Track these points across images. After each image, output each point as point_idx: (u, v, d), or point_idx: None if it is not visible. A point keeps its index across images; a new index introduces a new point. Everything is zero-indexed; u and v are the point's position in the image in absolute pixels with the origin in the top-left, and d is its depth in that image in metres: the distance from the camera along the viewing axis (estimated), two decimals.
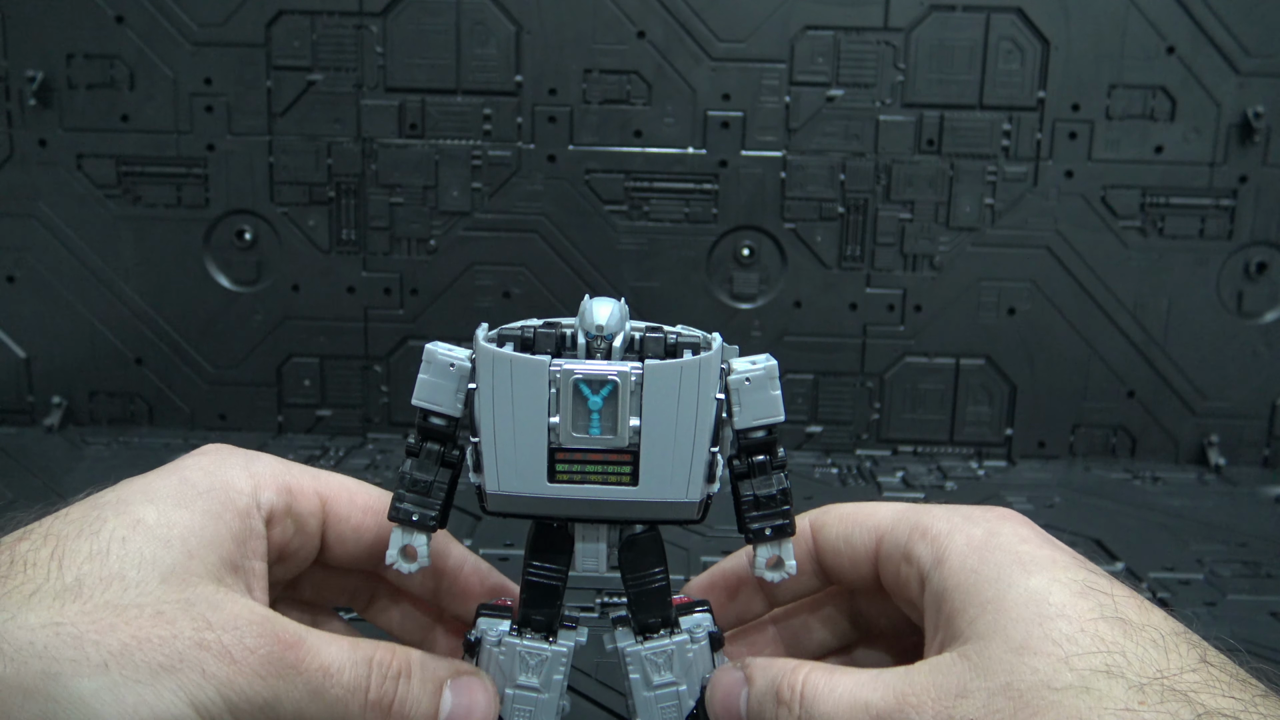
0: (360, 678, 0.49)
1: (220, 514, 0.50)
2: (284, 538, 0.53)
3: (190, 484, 0.50)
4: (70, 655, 0.43)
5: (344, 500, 0.55)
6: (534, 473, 0.47)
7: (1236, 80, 1.10)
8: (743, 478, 0.50)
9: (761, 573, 0.51)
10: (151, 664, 0.44)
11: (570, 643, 0.51)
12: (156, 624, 0.45)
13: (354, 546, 0.55)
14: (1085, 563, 0.49)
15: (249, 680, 0.46)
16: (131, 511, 0.48)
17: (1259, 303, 1.14)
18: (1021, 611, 0.45)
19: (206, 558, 0.48)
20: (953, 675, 0.45)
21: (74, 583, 0.45)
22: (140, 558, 0.46)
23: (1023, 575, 0.47)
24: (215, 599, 0.47)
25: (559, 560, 0.50)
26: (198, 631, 0.45)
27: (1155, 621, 0.45)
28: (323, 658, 0.48)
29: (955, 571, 0.48)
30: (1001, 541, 0.49)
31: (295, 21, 1.09)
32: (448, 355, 0.48)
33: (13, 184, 1.11)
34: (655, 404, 0.46)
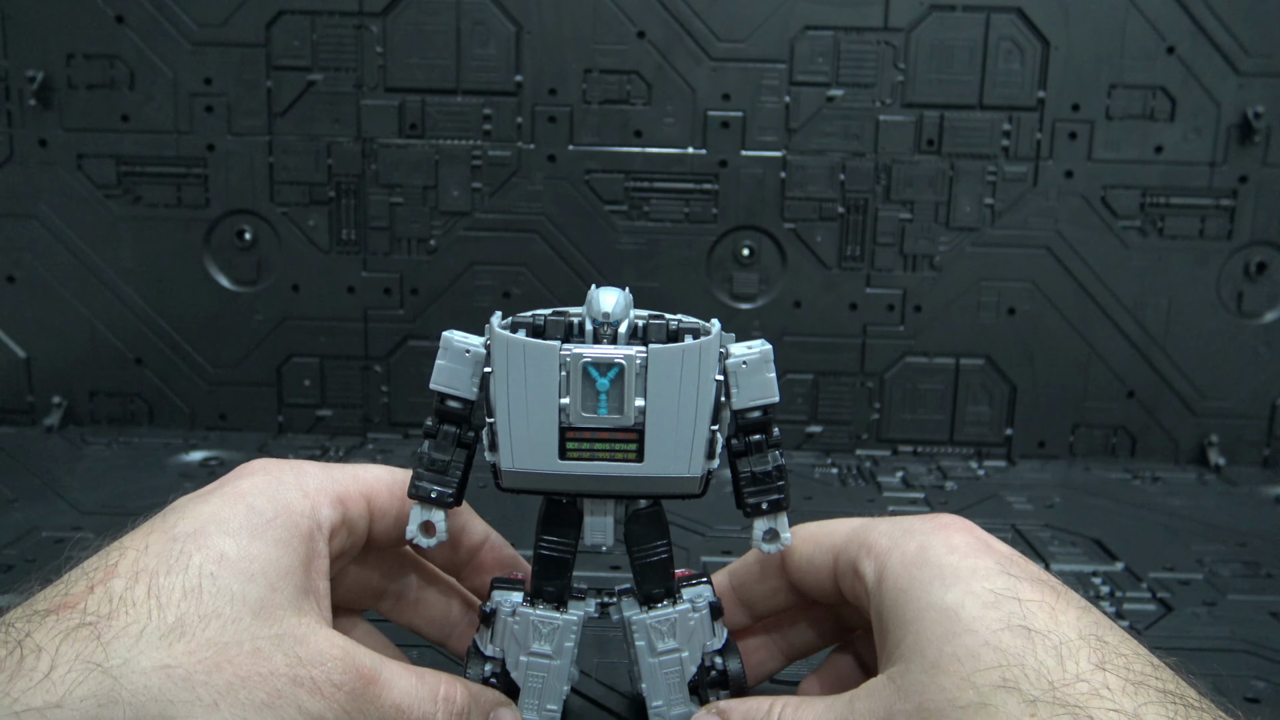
0: (429, 714, 0.54)
1: (289, 541, 0.54)
2: (340, 546, 0.58)
3: (257, 512, 0.54)
4: (184, 697, 0.47)
5: (385, 495, 0.59)
6: (546, 451, 0.53)
7: (1236, 80, 1.14)
8: (740, 455, 0.56)
9: (759, 544, 0.57)
10: (255, 701, 0.48)
11: (580, 612, 0.57)
12: (255, 661, 0.49)
13: (396, 534, 0.60)
14: (1013, 566, 0.52)
15: (336, 715, 0.50)
16: (212, 545, 0.52)
17: (1259, 303, 1.19)
18: (935, 629, 0.49)
19: (286, 589, 0.52)
20: (881, 700, 0.50)
21: (176, 623, 0.48)
22: (231, 594, 0.50)
23: (941, 590, 0.50)
24: (300, 633, 0.51)
25: (568, 534, 0.57)
26: (291, 668, 0.50)
27: (1062, 627, 0.48)
28: (396, 694, 0.53)
29: (889, 590, 0.52)
30: (929, 555, 0.52)
31: (295, 21, 1.14)
32: (464, 342, 0.54)
33: (13, 184, 1.16)
34: (659, 385, 0.52)
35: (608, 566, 0.85)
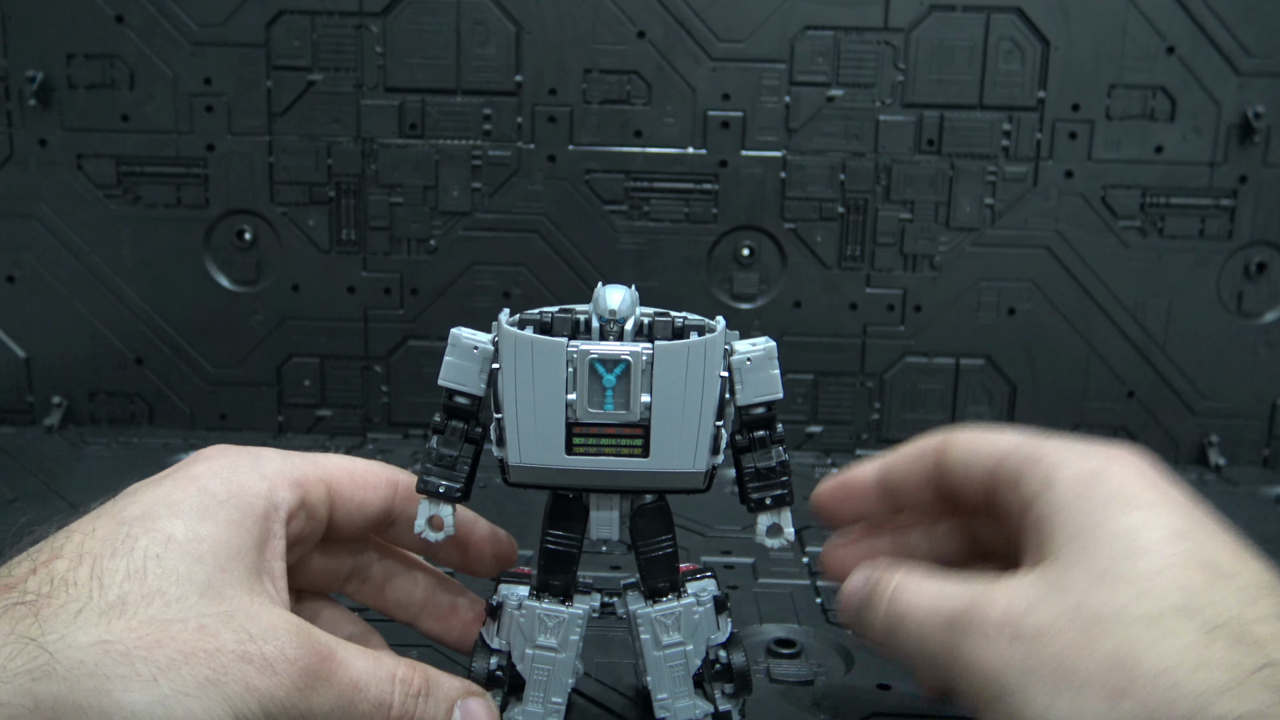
0: (385, 694, 0.54)
1: (242, 522, 0.54)
2: (298, 530, 0.58)
3: (210, 493, 0.54)
4: (121, 671, 0.46)
5: (346, 480, 0.60)
6: (553, 446, 0.54)
7: (1236, 80, 1.16)
8: (744, 451, 0.58)
9: (762, 540, 0.59)
10: (199, 678, 0.47)
11: (585, 606, 0.59)
12: (201, 638, 0.48)
13: (360, 520, 0.61)
14: (1194, 510, 0.50)
15: (288, 692, 0.49)
16: (160, 527, 0.51)
17: (1259, 303, 1.20)
18: (1109, 545, 0.48)
19: (236, 569, 0.52)
20: (1027, 590, 0.49)
21: (117, 601, 0.48)
22: (177, 574, 0.50)
23: (1120, 512, 0.50)
24: (252, 610, 0.51)
25: (574, 529, 0.58)
26: (240, 644, 0.49)
27: (1247, 572, 0.47)
28: (352, 672, 0.52)
29: (1057, 500, 0.52)
30: (1109, 477, 0.52)
31: (295, 21, 1.15)
32: (471, 339, 0.56)
33: (13, 184, 1.17)
34: (665, 381, 0.54)
35: (609, 566, 0.86)
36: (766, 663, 0.71)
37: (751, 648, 0.72)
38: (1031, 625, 0.48)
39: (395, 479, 0.63)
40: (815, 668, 0.71)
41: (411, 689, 0.55)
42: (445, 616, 0.65)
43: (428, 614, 0.66)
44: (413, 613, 0.66)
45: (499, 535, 0.66)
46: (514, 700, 0.59)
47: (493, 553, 0.65)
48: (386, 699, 0.54)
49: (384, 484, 0.62)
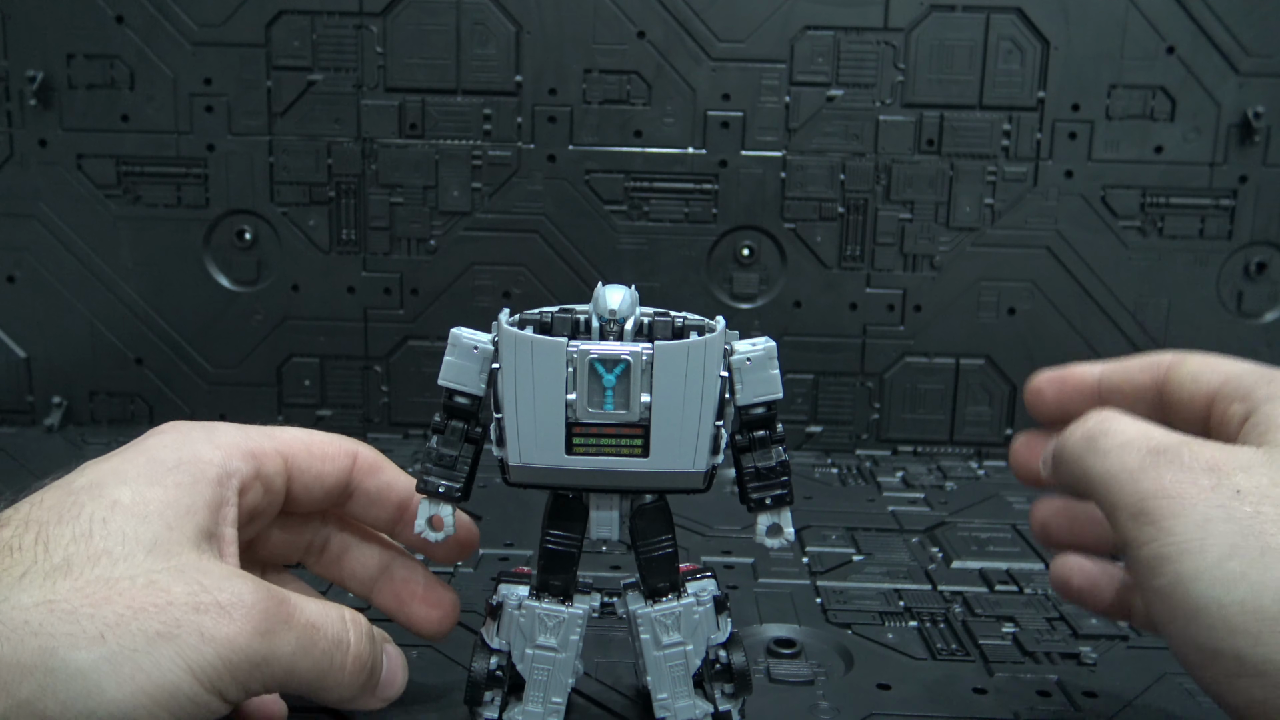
0: (342, 634, 0.54)
1: (192, 486, 0.54)
2: (255, 502, 0.58)
3: (159, 461, 0.54)
4: (66, 630, 0.46)
5: (303, 453, 0.61)
6: (553, 446, 0.54)
7: (1236, 80, 1.16)
8: (744, 451, 0.58)
9: (762, 540, 0.59)
10: (148, 632, 0.47)
11: (585, 606, 0.59)
12: (150, 593, 0.48)
13: (318, 493, 0.62)
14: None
15: (248, 638, 0.49)
16: (107, 494, 0.52)
17: (1259, 303, 1.20)
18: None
19: (185, 528, 0.52)
20: (1245, 454, 0.50)
21: (62, 562, 0.48)
22: (123, 534, 0.50)
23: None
24: (202, 565, 0.51)
25: (574, 529, 0.58)
26: (193, 595, 0.49)
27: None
28: (308, 613, 0.53)
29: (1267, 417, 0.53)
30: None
31: (295, 21, 1.15)
32: (472, 339, 0.56)
33: (13, 184, 1.17)
34: (665, 381, 0.54)
35: (609, 566, 0.86)
36: (766, 663, 0.71)
37: (751, 648, 0.72)
38: (1241, 481, 0.49)
39: (353, 451, 0.63)
40: (815, 668, 0.71)
41: (362, 629, 0.56)
42: (399, 591, 0.66)
43: (383, 588, 0.66)
44: (368, 586, 0.66)
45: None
46: (514, 700, 0.59)
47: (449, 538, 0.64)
48: (344, 637, 0.54)
49: (342, 455, 0.63)
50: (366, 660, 0.56)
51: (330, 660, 0.54)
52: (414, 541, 0.64)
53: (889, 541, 0.95)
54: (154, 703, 0.47)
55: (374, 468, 0.64)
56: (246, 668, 0.50)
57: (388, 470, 0.64)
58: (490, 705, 0.58)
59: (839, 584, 0.85)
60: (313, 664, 0.53)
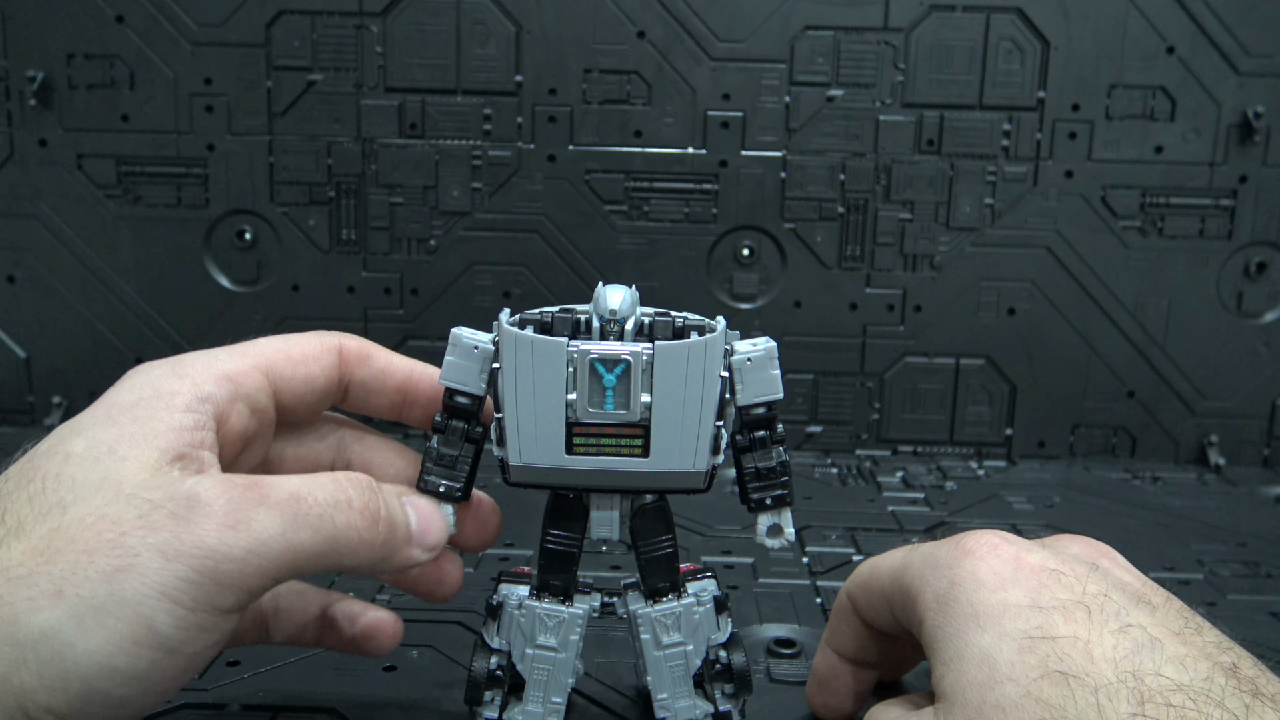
0: (337, 493, 0.51)
1: (151, 418, 0.50)
2: (242, 424, 0.55)
3: (116, 404, 0.51)
4: (24, 595, 0.44)
5: (283, 361, 0.58)
6: (553, 446, 0.54)
7: (1236, 80, 1.16)
8: (744, 451, 0.58)
9: (762, 540, 0.59)
10: (105, 571, 0.44)
11: (585, 606, 0.59)
12: (99, 528, 0.46)
13: (311, 398, 0.59)
14: (1044, 593, 0.51)
15: (217, 536, 0.46)
16: (61, 449, 0.49)
17: (1259, 303, 1.20)
18: (975, 675, 0.49)
19: (141, 456, 0.48)
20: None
21: (15, 525, 0.46)
22: (73, 480, 0.47)
23: (976, 633, 0.50)
24: (154, 482, 0.48)
25: (575, 529, 0.58)
26: (143, 517, 0.46)
27: (1099, 665, 0.47)
28: (288, 486, 0.50)
29: (928, 631, 0.53)
30: (959, 593, 0.52)
31: (295, 21, 1.15)
32: (472, 339, 0.56)
33: (13, 184, 1.17)
34: (665, 381, 0.53)
35: (609, 566, 0.86)
36: (766, 663, 0.71)
37: (751, 648, 0.72)
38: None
39: (336, 344, 0.61)
40: None
41: (362, 482, 0.53)
42: None
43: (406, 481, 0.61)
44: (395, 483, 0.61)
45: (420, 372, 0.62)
46: (514, 700, 0.59)
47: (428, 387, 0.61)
48: (340, 496, 0.51)
49: (325, 352, 0.60)
50: (378, 511, 0.53)
51: (333, 522, 0.50)
52: (424, 423, 0.61)
53: (889, 541, 0.95)
54: (133, 643, 0.45)
55: (363, 356, 0.61)
56: (232, 568, 0.47)
57: (379, 355, 0.61)
58: (490, 705, 0.58)
59: (839, 584, 0.84)
60: (313, 533, 0.49)
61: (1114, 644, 0.48)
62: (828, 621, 0.64)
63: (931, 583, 0.53)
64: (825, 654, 0.64)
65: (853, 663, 0.63)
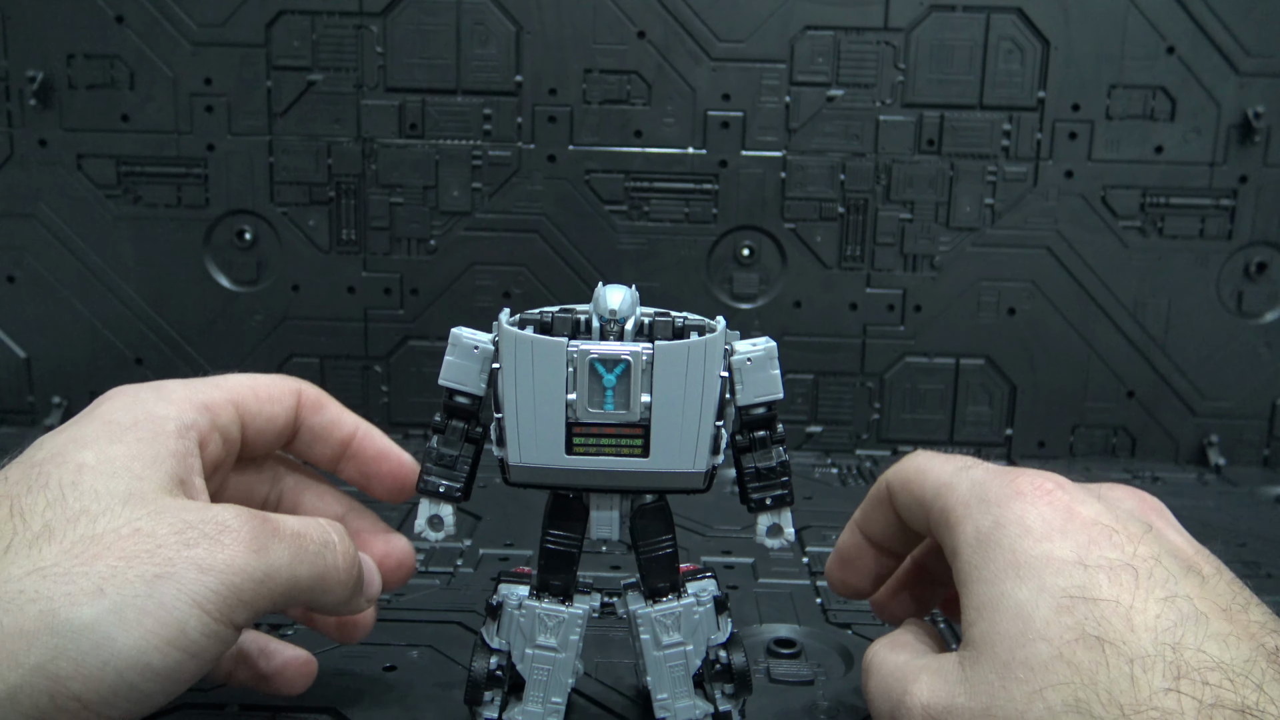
0: (327, 536, 0.56)
1: (153, 440, 0.54)
2: (215, 453, 0.58)
3: (115, 423, 0.54)
4: (63, 591, 0.47)
5: (251, 398, 0.61)
6: (553, 446, 0.54)
7: (1236, 80, 1.16)
8: (744, 451, 0.58)
9: (762, 540, 0.59)
10: (145, 576, 0.48)
11: (585, 606, 0.59)
12: (137, 539, 0.49)
13: (270, 436, 0.63)
14: (1092, 549, 0.49)
15: (245, 558, 0.50)
16: (70, 459, 0.52)
17: (1259, 303, 1.20)
18: (1009, 627, 0.48)
19: (155, 477, 0.52)
20: (948, 684, 0.50)
21: (43, 529, 0.49)
22: (95, 492, 0.50)
23: (1015, 583, 0.49)
24: (180, 504, 0.52)
25: (574, 529, 0.58)
26: (179, 533, 0.50)
27: (1138, 634, 0.46)
28: (292, 524, 0.54)
29: (963, 568, 0.52)
30: (1002, 536, 0.51)
31: (295, 21, 1.15)
32: (472, 339, 0.56)
33: (13, 184, 1.17)
34: (665, 381, 0.54)
35: (609, 566, 0.86)
36: (766, 663, 0.71)
37: (751, 648, 0.72)
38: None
39: (297, 389, 0.64)
40: (815, 668, 0.71)
41: (341, 530, 0.57)
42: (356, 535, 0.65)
43: None
44: None
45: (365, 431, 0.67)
46: (514, 700, 0.59)
47: (369, 447, 0.66)
48: (329, 538, 0.56)
49: (287, 394, 0.63)
50: (354, 557, 0.57)
51: (324, 560, 0.55)
52: (355, 479, 0.66)
53: None
54: (166, 643, 0.48)
55: (317, 404, 0.65)
56: (251, 587, 0.50)
57: (330, 406, 0.66)
58: (490, 705, 0.58)
59: None
60: (310, 568, 0.54)
61: (1157, 613, 0.46)
62: (861, 504, 0.65)
63: (976, 517, 0.53)
64: (853, 533, 0.65)
65: (877, 547, 0.64)
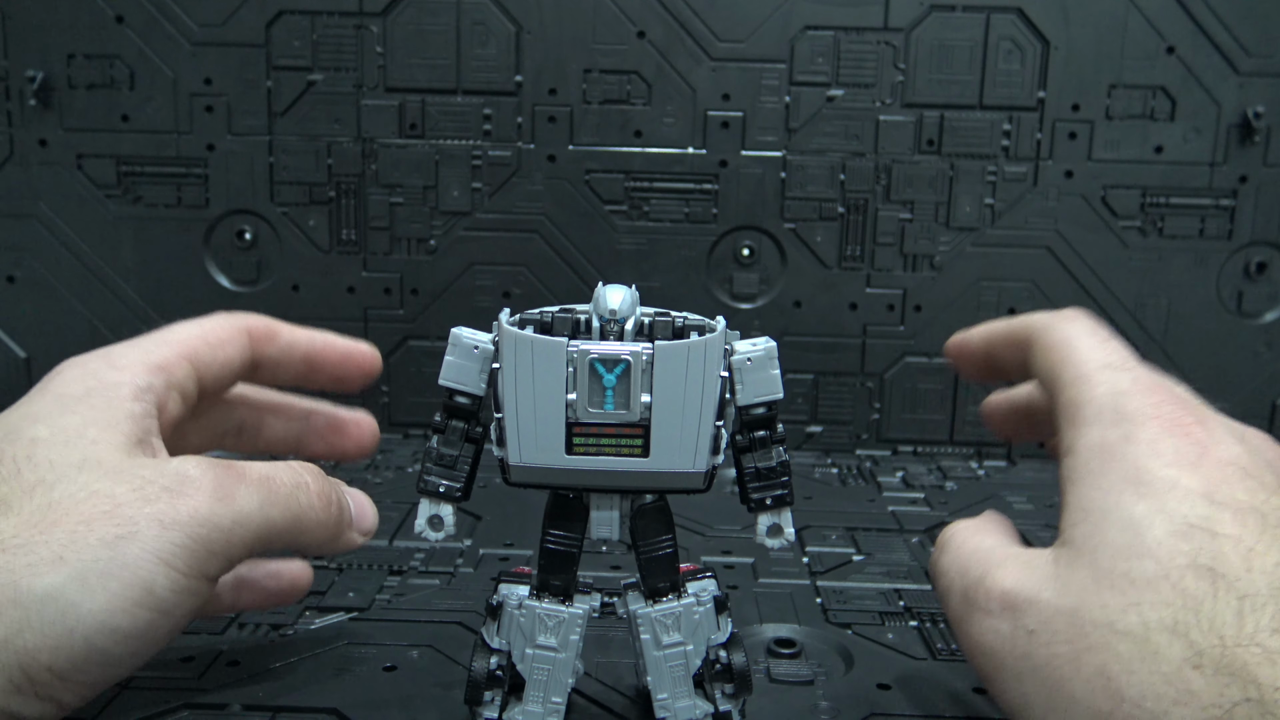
0: (298, 476, 0.56)
1: (106, 407, 0.54)
2: (174, 412, 0.59)
3: (67, 395, 0.55)
4: (23, 562, 0.47)
5: (203, 347, 0.62)
6: (553, 446, 0.54)
7: (1236, 80, 1.16)
8: (745, 451, 0.58)
9: (762, 540, 0.59)
10: (106, 539, 0.48)
11: (585, 606, 0.59)
12: (95, 502, 0.49)
13: (227, 378, 0.64)
14: (1223, 487, 0.47)
15: (210, 508, 0.51)
16: (24, 435, 0.52)
17: (1259, 303, 1.20)
18: (1117, 538, 0.47)
19: (111, 440, 0.53)
20: (1033, 579, 0.49)
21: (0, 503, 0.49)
22: (50, 463, 0.51)
23: (1133, 498, 0.47)
24: (138, 463, 0.52)
25: (574, 529, 0.58)
26: (138, 491, 0.50)
27: (1254, 575, 0.44)
28: (259, 468, 0.55)
29: (1077, 467, 0.51)
30: (1130, 451, 0.49)
31: (295, 21, 1.15)
32: (472, 338, 0.56)
33: (13, 184, 1.17)
34: (665, 381, 0.54)
35: (609, 566, 0.86)
36: (766, 663, 0.71)
37: (751, 648, 0.72)
38: (1033, 619, 0.48)
39: (244, 325, 0.65)
40: (815, 668, 0.71)
41: (314, 469, 0.58)
42: (323, 433, 0.68)
43: (308, 437, 0.69)
44: (294, 443, 0.69)
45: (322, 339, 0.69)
46: (514, 700, 0.59)
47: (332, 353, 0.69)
48: (301, 478, 0.56)
49: (238, 334, 0.64)
50: (331, 495, 0.58)
51: (298, 501, 0.55)
52: (327, 384, 0.68)
53: (889, 541, 0.95)
54: (133, 604, 0.48)
55: (270, 334, 0.66)
56: (220, 537, 0.51)
57: (283, 331, 0.67)
58: (490, 705, 0.58)
59: (839, 584, 0.85)
60: (283, 509, 0.54)
61: (1277, 560, 0.45)
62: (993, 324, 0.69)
63: (1106, 424, 0.52)
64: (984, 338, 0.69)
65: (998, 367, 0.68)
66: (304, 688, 0.65)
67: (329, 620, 0.75)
